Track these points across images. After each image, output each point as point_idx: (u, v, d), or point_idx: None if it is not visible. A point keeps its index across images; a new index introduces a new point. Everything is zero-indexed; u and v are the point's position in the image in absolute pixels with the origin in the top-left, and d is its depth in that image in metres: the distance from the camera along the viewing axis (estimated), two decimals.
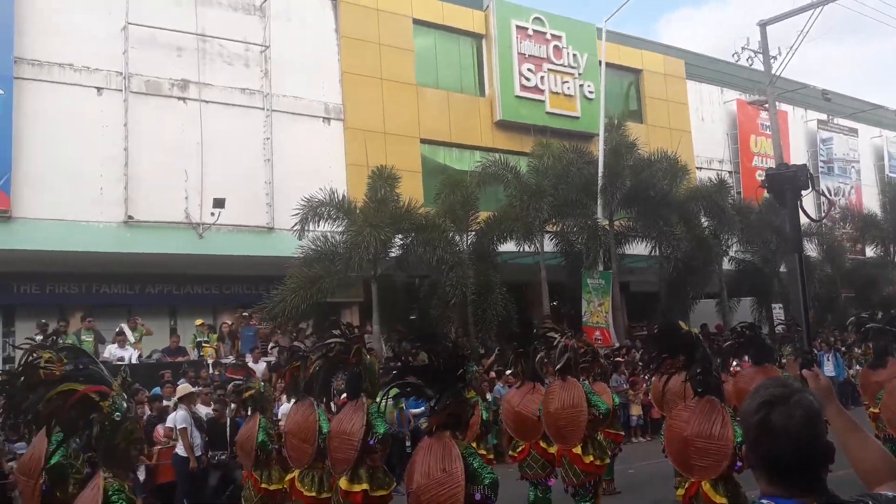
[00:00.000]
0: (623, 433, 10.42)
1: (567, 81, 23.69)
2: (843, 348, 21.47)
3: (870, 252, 27.60)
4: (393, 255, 16.92)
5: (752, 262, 23.22)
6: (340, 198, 16.96)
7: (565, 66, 23.73)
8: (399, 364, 5.02)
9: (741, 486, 5.51)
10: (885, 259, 26.56)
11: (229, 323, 16.25)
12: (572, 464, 7.24)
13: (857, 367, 18.45)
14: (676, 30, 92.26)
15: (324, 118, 19.60)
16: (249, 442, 7.40)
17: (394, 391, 5.42)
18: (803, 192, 3.13)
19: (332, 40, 20.05)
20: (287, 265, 15.95)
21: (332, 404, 7.31)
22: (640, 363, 15.57)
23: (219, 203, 16.46)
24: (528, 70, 22.96)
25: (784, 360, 11.11)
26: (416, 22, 21.59)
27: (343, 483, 5.84)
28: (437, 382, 4.57)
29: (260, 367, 13.59)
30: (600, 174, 19.46)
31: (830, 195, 30.59)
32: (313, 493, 6.56)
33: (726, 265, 22.58)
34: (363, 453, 5.80)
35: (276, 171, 18.28)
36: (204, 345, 14.98)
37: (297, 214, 16.37)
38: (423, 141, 21.26)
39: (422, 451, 4.53)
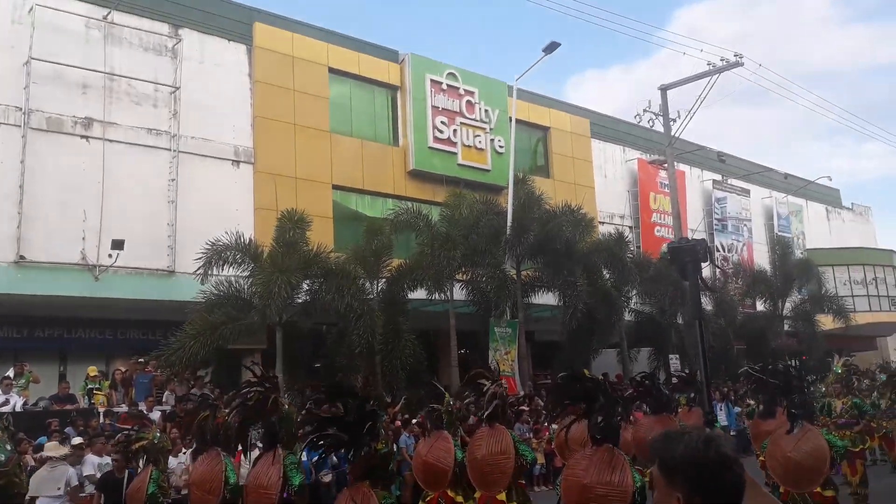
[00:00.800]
0: (524, 481, 10.48)
1: (479, 135, 24.30)
2: (736, 398, 22.40)
3: (760, 306, 29.07)
4: (300, 301, 16.69)
5: (650, 313, 24.05)
6: (247, 242, 16.68)
7: (477, 121, 24.36)
8: (316, 415, 4.97)
9: None
10: (774, 313, 27.99)
11: (123, 370, 15.55)
12: None
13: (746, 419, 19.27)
14: (583, 90, 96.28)
15: (233, 161, 19.37)
16: (139, 494, 7.10)
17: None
18: (703, 264, 3.26)
19: (245, 85, 19.97)
20: (188, 310, 15.49)
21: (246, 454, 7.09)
22: (544, 411, 15.79)
23: (117, 245, 15.92)
24: (442, 123, 23.44)
25: (679, 410, 11.54)
26: (332, 71, 21.78)
27: None
28: (352, 434, 4.58)
29: (154, 416, 13.02)
30: (508, 226, 19.90)
31: (724, 251, 32.21)
32: None
33: (627, 316, 23.29)
34: None
35: (180, 213, 17.86)
36: (95, 392, 14.26)
37: (200, 258, 15.98)
38: (335, 187, 21.27)
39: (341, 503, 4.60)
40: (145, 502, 7.00)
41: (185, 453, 10.88)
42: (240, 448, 7.60)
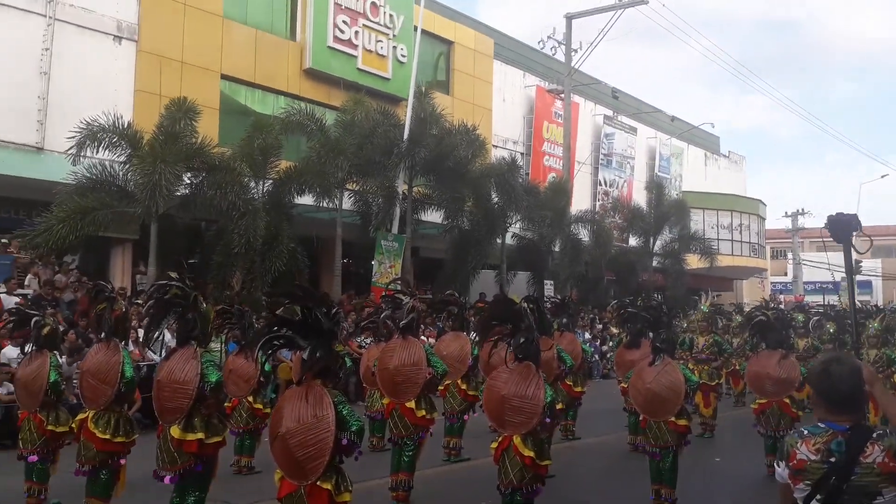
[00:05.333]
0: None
1: (381, 41, 23.53)
2: (601, 326, 23.57)
3: (633, 241, 30.39)
4: (179, 194, 15.94)
5: (531, 239, 24.65)
6: (125, 125, 15.63)
7: (381, 25, 23.53)
8: (277, 317, 4.99)
9: (546, 443, 6.28)
10: (645, 249, 29.36)
11: None
12: (403, 416, 7.48)
13: (610, 344, 20.39)
14: (489, 7, 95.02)
15: (115, 36, 17.90)
16: (38, 381, 6.77)
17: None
18: (854, 234, 4.35)
19: None
20: (56, 191, 14.51)
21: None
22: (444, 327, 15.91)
23: None
24: (343, 22, 22.48)
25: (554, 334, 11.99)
26: None
27: (176, 432, 5.68)
28: (311, 335, 4.63)
29: (13, 300, 12.21)
30: (405, 139, 19.59)
31: (606, 186, 33.26)
32: (107, 436, 6.28)
33: (509, 240, 23.78)
34: (197, 402, 5.70)
35: (53, 86, 16.46)
36: None
37: (73, 137, 14.87)
38: (224, 77, 20.16)
39: (292, 398, 4.59)
40: (47, 390, 6.72)
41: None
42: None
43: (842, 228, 4.22)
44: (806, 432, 3.06)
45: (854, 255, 4.24)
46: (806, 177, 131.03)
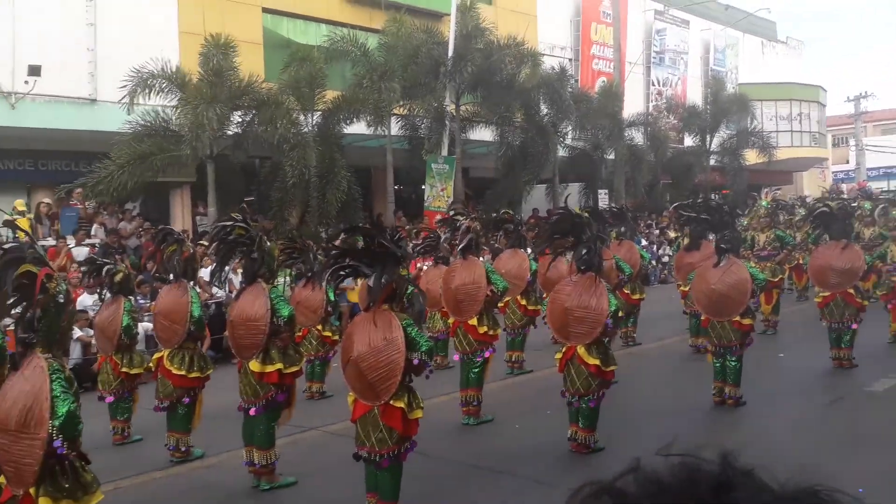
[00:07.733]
0: None
1: None
2: (658, 231, 23.31)
3: (689, 141, 29.55)
4: (231, 133, 16.16)
5: (582, 149, 24.18)
6: (173, 69, 15.79)
7: None
8: (338, 248, 5.27)
9: (610, 350, 6.46)
10: (702, 148, 28.55)
11: (48, 203, 14.98)
12: (467, 334, 7.76)
13: (666, 248, 20.20)
14: None
15: None
16: (113, 326, 7.28)
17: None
18: None
19: None
20: (112, 141, 14.87)
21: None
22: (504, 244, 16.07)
23: (34, 70, 14.78)
24: None
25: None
26: None
27: (255, 366, 5.99)
28: (376, 262, 4.85)
29: (83, 251, 12.75)
30: (450, 56, 19.24)
31: (659, 85, 32.20)
32: (182, 372, 6.70)
33: (560, 152, 23.40)
34: (271, 336, 5.98)
35: (100, 37, 16.60)
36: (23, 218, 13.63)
37: (124, 86, 15.11)
38: (265, 10, 20.00)
39: (362, 324, 4.89)
40: (121, 334, 7.22)
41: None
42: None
43: None
44: None
45: None
46: (871, 57, 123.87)
